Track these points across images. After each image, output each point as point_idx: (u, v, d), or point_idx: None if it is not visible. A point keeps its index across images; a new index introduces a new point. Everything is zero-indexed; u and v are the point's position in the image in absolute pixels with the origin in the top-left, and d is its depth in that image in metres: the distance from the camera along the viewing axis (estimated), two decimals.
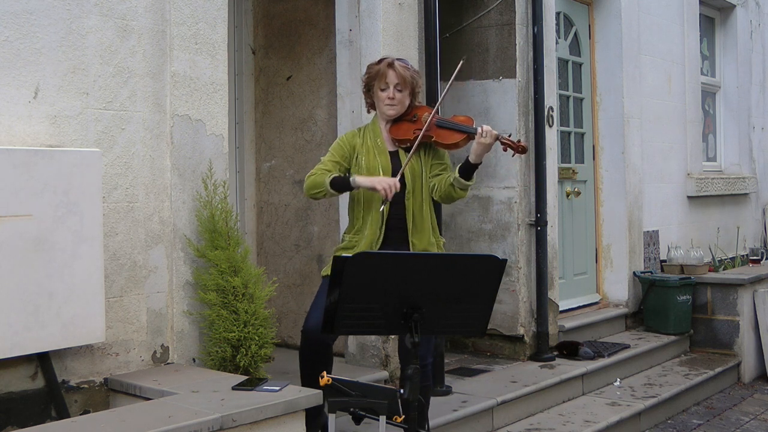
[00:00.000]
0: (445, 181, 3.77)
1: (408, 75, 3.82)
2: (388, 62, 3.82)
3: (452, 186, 3.73)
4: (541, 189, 5.77)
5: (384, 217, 3.76)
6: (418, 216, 3.79)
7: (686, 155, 7.94)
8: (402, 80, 3.80)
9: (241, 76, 5.75)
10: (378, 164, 3.80)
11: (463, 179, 3.71)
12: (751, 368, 6.84)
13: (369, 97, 3.92)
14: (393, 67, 3.80)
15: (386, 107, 3.83)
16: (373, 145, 3.84)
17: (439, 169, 3.85)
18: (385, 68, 3.81)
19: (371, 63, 3.97)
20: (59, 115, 3.48)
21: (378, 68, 3.83)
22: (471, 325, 2.95)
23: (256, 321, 3.83)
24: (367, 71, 3.91)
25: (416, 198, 3.79)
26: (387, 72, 3.80)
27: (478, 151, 3.68)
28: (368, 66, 3.95)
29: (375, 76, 3.84)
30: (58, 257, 3.33)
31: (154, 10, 3.83)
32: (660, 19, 7.59)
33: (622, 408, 5.26)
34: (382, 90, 3.82)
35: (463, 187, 3.74)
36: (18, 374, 3.38)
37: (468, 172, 3.71)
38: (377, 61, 3.92)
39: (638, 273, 6.98)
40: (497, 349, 5.91)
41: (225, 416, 3.02)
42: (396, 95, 3.81)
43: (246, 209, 5.76)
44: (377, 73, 3.83)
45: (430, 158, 3.85)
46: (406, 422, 2.80)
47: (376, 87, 3.84)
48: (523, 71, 5.78)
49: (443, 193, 3.78)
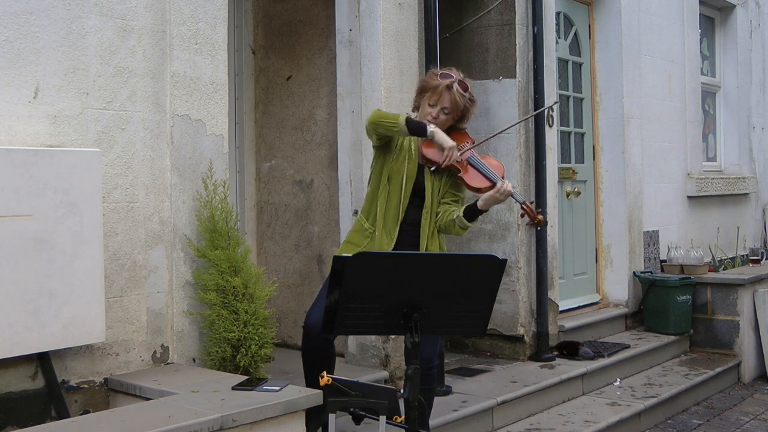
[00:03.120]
0: (448, 215, 3.73)
1: (462, 103, 3.72)
2: (448, 84, 3.69)
3: (453, 222, 3.71)
4: (541, 189, 5.77)
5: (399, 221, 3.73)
6: (430, 236, 3.75)
7: (686, 155, 7.94)
8: (453, 107, 3.71)
9: (241, 76, 5.75)
10: (404, 170, 3.74)
11: (466, 220, 3.68)
12: (751, 368, 6.84)
13: (418, 100, 3.83)
14: (450, 91, 3.69)
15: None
16: (408, 148, 3.78)
17: (451, 199, 3.80)
18: (443, 88, 3.69)
19: (434, 71, 3.86)
20: (59, 115, 3.48)
21: (437, 83, 3.71)
22: (471, 325, 2.95)
23: (256, 321, 3.83)
24: (429, 78, 3.80)
25: (432, 217, 3.76)
26: (443, 93, 3.69)
27: (489, 201, 3.65)
28: (430, 73, 3.85)
29: (431, 88, 3.73)
30: (58, 257, 3.33)
31: (154, 10, 3.82)
32: (660, 19, 7.59)
33: (622, 408, 5.26)
34: (430, 105, 3.73)
35: (464, 227, 3.72)
36: (18, 374, 3.38)
37: (473, 215, 3.69)
38: (441, 73, 3.77)
39: (638, 273, 6.98)
40: (497, 349, 5.91)
41: (225, 416, 3.02)
42: (440, 116, 3.72)
43: (246, 209, 5.75)
44: (434, 87, 3.71)
45: (447, 185, 3.80)
46: (406, 422, 2.80)
47: (426, 98, 3.75)
48: (523, 71, 5.78)
49: (443, 224, 3.76)
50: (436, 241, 3.79)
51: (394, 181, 3.74)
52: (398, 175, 3.74)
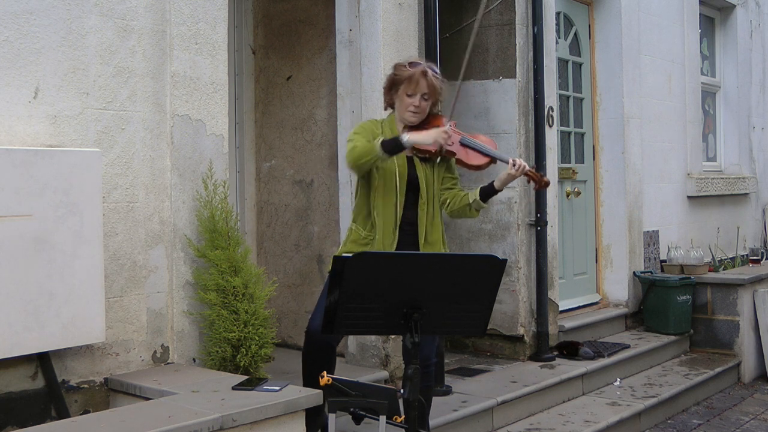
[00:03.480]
0: (461, 200, 3.74)
1: (439, 86, 3.73)
2: (422, 70, 3.69)
3: (469, 206, 3.73)
4: (541, 189, 5.75)
5: (398, 222, 3.72)
6: (429, 226, 3.75)
7: (686, 155, 7.94)
8: (432, 91, 3.71)
9: (241, 76, 5.75)
10: (395, 167, 3.72)
11: (482, 202, 3.71)
12: (751, 368, 6.84)
13: (390, 96, 3.81)
14: (426, 77, 3.69)
15: (409, 114, 3.73)
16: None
17: (450, 183, 3.81)
18: (418, 75, 3.69)
19: (401, 63, 3.82)
20: (59, 115, 3.48)
21: (411, 73, 3.70)
22: (471, 325, 2.95)
23: (256, 321, 3.83)
24: (397, 72, 3.77)
25: (429, 207, 3.75)
26: (420, 80, 3.69)
27: (506, 180, 3.67)
28: (398, 66, 3.81)
29: (404, 79, 3.72)
30: (58, 257, 3.33)
31: (154, 10, 3.82)
32: (660, 19, 7.59)
33: (622, 408, 5.26)
34: (408, 96, 3.71)
35: (479, 209, 3.75)
36: (18, 374, 3.38)
37: (489, 196, 3.71)
38: (409, 63, 3.77)
39: (638, 273, 6.98)
40: (497, 349, 5.91)
41: (225, 416, 3.02)
42: (422, 104, 3.72)
43: (246, 209, 5.75)
44: (408, 77, 3.70)
45: (442, 170, 3.80)
46: (406, 422, 2.80)
47: (402, 90, 3.73)
48: (523, 71, 5.78)
49: (457, 210, 3.76)
50: (437, 234, 3.77)
51: (387, 181, 3.73)
52: (390, 174, 3.73)
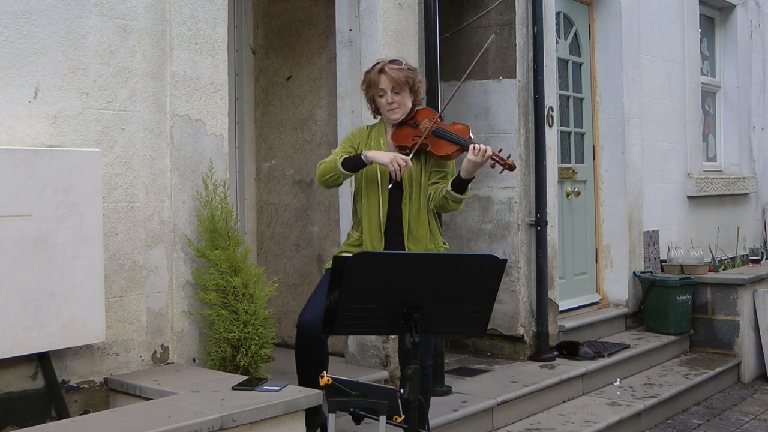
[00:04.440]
0: (439, 192, 3.73)
1: (402, 76, 3.74)
2: (379, 68, 3.76)
3: (445, 198, 3.70)
4: (541, 189, 5.77)
5: (382, 220, 3.73)
6: (414, 222, 3.75)
7: (686, 155, 7.94)
8: (396, 83, 3.73)
9: (241, 76, 5.75)
10: (377, 166, 3.76)
11: (455, 193, 3.67)
12: (751, 368, 6.84)
13: (373, 104, 3.88)
14: (384, 72, 3.73)
15: (389, 112, 3.78)
16: (376, 147, 3.81)
17: (438, 177, 3.79)
18: (376, 75, 3.75)
19: (366, 70, 3.90)
20: (59, 115, 3.48)
21: (370, 77, 3.78)
22: (471, 325, 2.95)
23: (256, 321, 3.83)
24: (364, 80, 3.85)
25: (413, 204, 3.75)
26: (379, 78, 3.74)
27: (469, 167, 3.61)
28: (364, 74, 3.89)
29: (369, 83, 3.79)
30: (58, 257, 3.33)
31: (154, 10, 3.82)
32: (660, 19, 7.59)
33: (622, 408, 5.26)
34: (380, 96, 3.78)
35: (456, 200, 3.70)
36: (18, 374, 3.38)
37: (460, 186, 3.67)
38: (371, 67, 3.85)
39: (638, 273, 6.98)
40: (497, 349, 5.91)
41: (225, 416, 3.02)
42: (394, 98, 3.75)
43: (246, 209, 5.76)
44: (370, 80, 3.78)
45: (429, 165, 3.79)
46: (406, 422, 2.80)
47: (374, 94, 3.80)
48: (523, 71, 5.78)
49: (437, 203, 3.75)
50: (422, 228, 3.75)
51: (370, 180, 3.77)
52: (372, 171, 3.76)
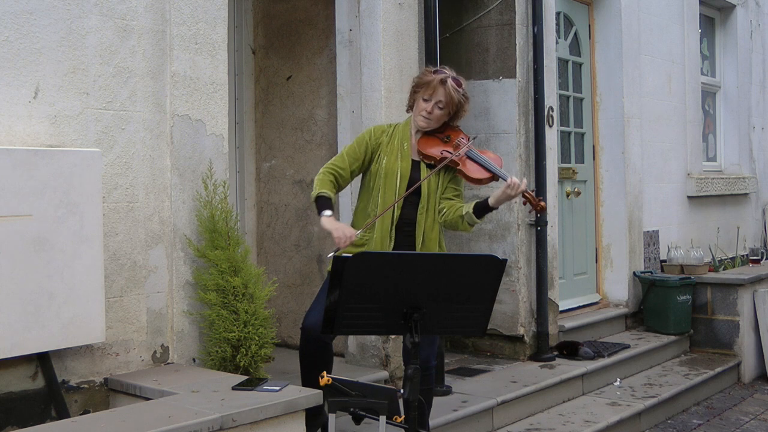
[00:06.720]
0: (455, 211, 3.73)
1: (456, 98, 3.75)
2: (442, 78, 3.74)
3: (461, 218, 3.71)
4: (541, 189, 5.76)
5: (395, 223, 3.73)
6: (428, 232, 3.76)
7: (686, 155, 7.94)
8: (448, 100, 3.74)
9: (241, 76, 5.75)
10: (398, 168, 3.75)
11: (475, 216, 3.69)
12: (751, 368, 6.84)
13: (412, 99, 3.87)
14: (444, 85, 3.72)
15: (420, 118, 3.78)
16: (399, 148, 3.80)
17: (452, 194, 3.81)
18: (437, 83, 3.73)
19: (428, 68, 3.94)
20: (59, 115, 3.48)
21: (431, 79, 3.76)
22: (471, 325, 2.95)
23: (256, 321, 3.83)
24: (421, 75, 3.86)
25: (429, 214, 3.76)
26: (437, 87, 3.73)
27: (501, 198, 3.64)
28: (425, 70, 3.91)
29: (424, 83, 3.78)
30: (58, 257, 3.33)
31: (154, 10, 3.82)
32: (660, 19, 7.59)
33: (622, 408, 5.26)
34: (424, 100, 3.76)
35: (472, 224, 3.73)
36: (18, 374, 3.38)
37: (483, 212, 3.69)
38: (435, 70, 3.85)
39: (638, 273, 6.98)
40: (497, 349, 5.91)
41: (225, 416, 3.02)
42: (435, 111, 3.75)
43: (246, 209, 5.76)
44: (428, 82, 3.76)
45: (447, 180, 3.80)
46: (406, 422, 2.80)
47: (420, 94, 3.78)
48: (523, 71, 5.78)
49: (450, 221, 3.75)
50: (434, 239, 3.78)
51: (388, 180, 3.76)
52: (392, 174, 3.76)
